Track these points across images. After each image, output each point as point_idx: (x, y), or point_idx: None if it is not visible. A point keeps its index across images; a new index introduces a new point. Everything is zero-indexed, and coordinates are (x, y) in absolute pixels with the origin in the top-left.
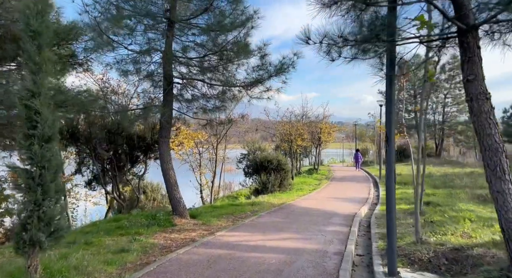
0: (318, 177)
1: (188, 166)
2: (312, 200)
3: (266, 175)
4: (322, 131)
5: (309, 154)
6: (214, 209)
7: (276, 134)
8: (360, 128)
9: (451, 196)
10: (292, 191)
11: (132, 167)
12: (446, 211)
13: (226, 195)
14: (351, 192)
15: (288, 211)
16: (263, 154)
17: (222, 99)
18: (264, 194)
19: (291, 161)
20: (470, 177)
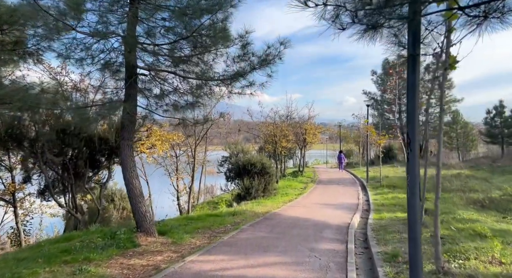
0: (304, 180)
1: (163, 170)
2: (299, 208)
3: (249, 180)
4: (307, 132)
5: (293, 155)
6: (189, 222)
7: (260, 135)
8: (344, 129)
9: (445, 200)
10: (277, 197)
11: (93, 174)
12: (449, 221)
13: (206, 200)
14: (339, 196)
15: (274, 222)
16: (246, 157)
17: (197, 94)
18: (247, 200)
19: (276, 164)
20: (458, 179)
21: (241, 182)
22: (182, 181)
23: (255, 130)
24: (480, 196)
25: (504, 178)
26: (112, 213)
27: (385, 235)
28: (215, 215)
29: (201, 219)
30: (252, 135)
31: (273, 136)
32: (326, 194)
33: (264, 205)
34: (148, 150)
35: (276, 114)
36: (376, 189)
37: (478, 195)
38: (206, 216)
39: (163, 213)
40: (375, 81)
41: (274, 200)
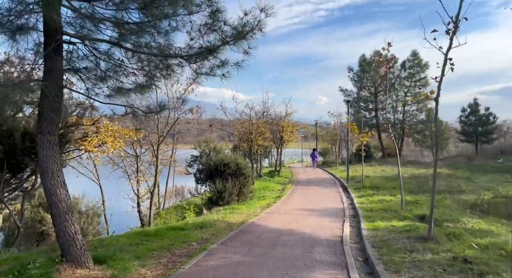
0: (281, 181)
1: (121, 172)
2: (280, 215)
3: (222, 182)
4: (284, 129)
5: (269, 154)
6: (143, 239)
7: (234, 133)
8: (319, 128)
9: (437, 203)
10: (254, 201)
11: (15, 180)
12: (462, 233)
13: (174, 204)
14: (322, 200)
15: (252, 237)
16: (219, 156)
17: (151, 74)
18: (220, 205)
19: (251, 163)
20: (441, 179)
21: (213, 184)
22: (145, 183)
23: (229, 127)
24: (472, 198)
25: (487, 178)
26: (49, 229)
27: (391, 255)
28: (178, 228)
29: (159, 234)
30: (227, 133)
31: (249, 134)
32: (307, 197)
33: (239, 212)
34: (97, 149)
35: (252, 110)
36: (358, 191)
37: (469, 197)
38: (166, 230)
39: (122, 222)
40: (352, 78)
41: (250, 205)
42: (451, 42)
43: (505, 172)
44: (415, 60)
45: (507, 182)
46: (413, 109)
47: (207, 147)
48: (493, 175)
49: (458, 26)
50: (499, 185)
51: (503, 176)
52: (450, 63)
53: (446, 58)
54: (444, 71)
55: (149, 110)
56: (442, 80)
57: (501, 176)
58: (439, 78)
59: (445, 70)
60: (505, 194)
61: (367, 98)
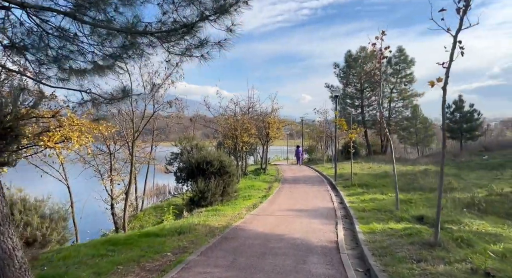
0: (267, 179)
1: (93, 171)
2: (267, 217)
3: (205, 181)
4: (270, 126)
5: (254, 151)
6: (110, 250)
7: (218, 129)
8: (305, 125)
9: (429, 201)
10: (239, 201)
11: None
12: (473, 240)
13: (153, 205)
14: (310, 199)
15: (236, 245)
16: (201, 154)
17: (115, 55)
18: (202, 206)
19: (236, 161)
20: (429, 176)
21: (195, 184)
22: (121, 183)
23: (213, 124)
24: (466, 196)
25: (475, 175)
26: None
27: (396, 265)
28: (153, 234)
29: (130, 243)
30: (211, 130)
31: (234, 130)
32: (295, 196)
33: (223, 214)
34: (59, 145)
35: (237, 105)
36: (348, 189)
37: (462, 195)
38: (139, 236)
39: (95, 226)
40: (338, 74)
41: (235, 206)
42: (461, 23)
43: (491, 169)
44: (401, 56)
45: (498, 179)
46: (399, 106)
47: (188, 144)
48: (481, 171)
49: (470, 4)
50: (489, 182)
51: (491, 172)
52: (460, 47)
53: (455, 40)
54: (453, 56)
55: (111, 97)
56: (450, 66)
57: (489, 173)
58: (447, 63)
59: (454, 55)
60: (500, 192)
61: (353, 94)
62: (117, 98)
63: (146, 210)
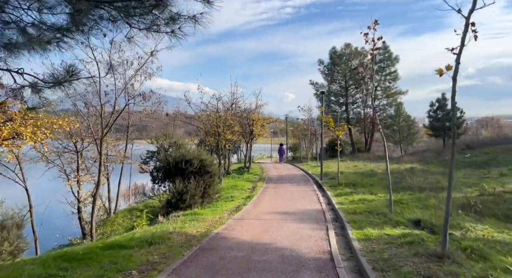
0: (251, 178)
1: (58, 171)
2: (251, 222)
3: (184, 182)
4: (254, 123)
5: (238, 149)
6: (62, 268)
7: (200, 126)
8: (290, 123)
9: (420, 201)
10: (220, 203)
11: None
12: (482, 249)
13: (128, 207)
14: (297, 200)
15: (215, 259)
16: (180, 152)
17: (61, 29)
18: (180, 208)
19: (219, 159)
20: (416, 175)
21: (172, 185)
22: (90, 183)
23: (194, 120)
24: (458, 197)
25: (462, 173)
26: None
27: None
28: (119, 245)
29: (89, 257)
30: (194, 128)
31: (216, 127)
32: (281, 197)
33: (202, 219)
34: (6, 141)
35: (219, 100)
36: (335, 189)
37: (453, 195)
38: (101, 249)
39: (60, 232)
40: (322, 71)
41: (216, 209)
42: (474, 2)
43: (477, 167)
44: (386, 53)
45: (486, 178)
46: (383, 104)
47: (166, 141)
48: (467, 170)
49: None
50: (478, 181)
51: (477, 171)
52: (473, 30)
53: (467, 22)
54: (465, 41)
55: (54, 80)
56: (461, 52)
57: (476, 171)
58: (458, 49)
59: (465, 39)
60: (492, 192)
61: (338, 92)
62: (61, 82)
63: (120, 213)
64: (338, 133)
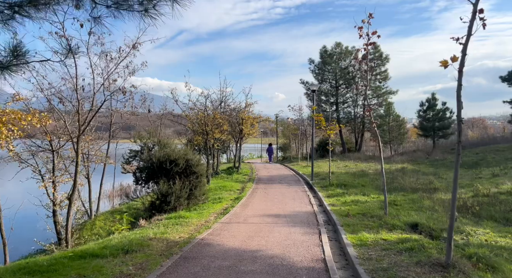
0: (241, 179)
1: (32, 171)
2: (239, 226)
3: (168, 183)
4: (244, 122)
5: (227, 149)
6: None
7: (187, 125)
8: (280, 122)
9: (414, 202)
10: (207, 205)
11: None
12: (488, 257)
13: (112, 208)
14: (287, 201)
15: (198, 270)
16: (164, 151)
17: None
18: (165, 211)
19: (207, 159)
20: (407, 175)
21: (156, 186)
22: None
23: (182, 119)
24: (445, 198)
25: (453, 173)
26: None
27: None
28: (91, 254)
29: (54, 269)
30: (183, 127)
31: (204, 125)
32: (271, 198)
33: (187, 223)
34: None
35: (208, 98)
36: (326, 189)
37: (447, 196)
38: (70, 259)
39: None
40: (313, 70)
41: (202, 212)
42: None
43: (468, 168)
44: (376, 53)
45: (478, 178)
46: (373, 103)
47: (150, 140)
48: None
49: None
50: (471, 181)
51: (469, 171)
52: (481, 18)
53: (475, 10)
54: (472, 29)
55: None
56: (468, 42)
57: (467, 172)
58: (465, 38)
59: (473, 28)
60: (486, 193)
61: (328, 91)
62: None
63: (102, 215)
64: (330, 133)
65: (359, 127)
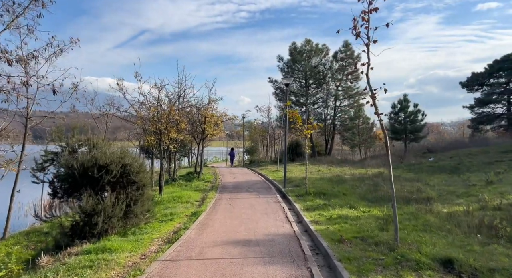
0: (201, 186)
1: None
2: (189, 266)
3: (96, 197)
4: (207, 120)
5: (189, 152)
6: None
7: (136, 122)
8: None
9: (415, 219)
10: (153, 225)
11: None
12: None
13: (30, 228)
14: (259, 218)
15: None
16: (91, 154)
17: None
18: (90, 237)
19: (161, 163)
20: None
21: (78, 201)
22: None
23: (128, 114)
24: (457, 210)
25: (438, 179)
26: None
27: None
28: None
29: None
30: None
31: (156, 123)
32: (238, 213)
33: (109, 262)
34: None
35: (162, 89)
36: (303, 200)
37: (451, 208)
38: None
39: None
40: (282, 68)
41: (142, 238)
42: None
43: (450, 172)
44: (347, 51)
45: (473, 185)
46: (344, 104)
47: (74, 139)
48: (442, 175)
49: None
50: (466, 189)
51: (453, 176)
52: None
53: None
54: None
55: None
56: None
57: (452, 177)
58: None
59: None
60: (497, 205)
61: (298, 91)
62: None
63: (12, 238)
64: (307, 132)
65: (330, 129)
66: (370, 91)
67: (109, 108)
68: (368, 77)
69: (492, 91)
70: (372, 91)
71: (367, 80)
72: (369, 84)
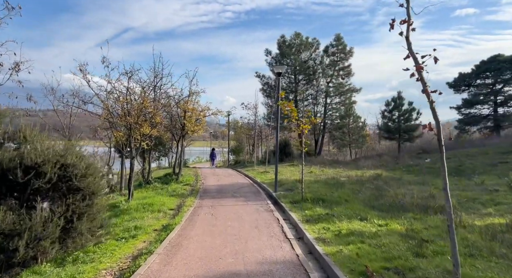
0: (179, 190)
1: None
2: None
3: (21, 209)
4: (187, 115)
5: (168, 151)
6: None
7: (102, 115)
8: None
9: (438, 229)
10: (105, 246)
11: None
12: None
13: None
14: (249, 234)
15: None
16: (18, 151)
17: None
18: (9, 267)
19: (131, 164)
20: (389, 184)
21: None
22: None
23: (100, 108)
24: (491, 222)
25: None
26: None
27: None
28: None
29: None
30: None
31: (125, 116)
32: (221, 228)
33: None
34: None
35: (132, 76)
36: (300, 208)
37: (484, 221)
38: None
39: None
40: (270, 63)
41: (82, 271)
42: None
43: (456, 175)
44: (339, 45)
45: (495, 191)
46: (336, 102)
47: None
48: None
49: None
50: (489, 196)
51: (460, 179)
52: None
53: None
54: None
55: None
56: None
57: (459, 180)
58: None
59: None
60: None
61: (287, 87)
62: None
63: None
64: (304, 127)
65: (319, 128)
66: (413, 60)
67: (72, 99)
68: (409, 41)
69: (479, 92)
70: (417, 60)
71: (408, 46)
72: (411, 49)
